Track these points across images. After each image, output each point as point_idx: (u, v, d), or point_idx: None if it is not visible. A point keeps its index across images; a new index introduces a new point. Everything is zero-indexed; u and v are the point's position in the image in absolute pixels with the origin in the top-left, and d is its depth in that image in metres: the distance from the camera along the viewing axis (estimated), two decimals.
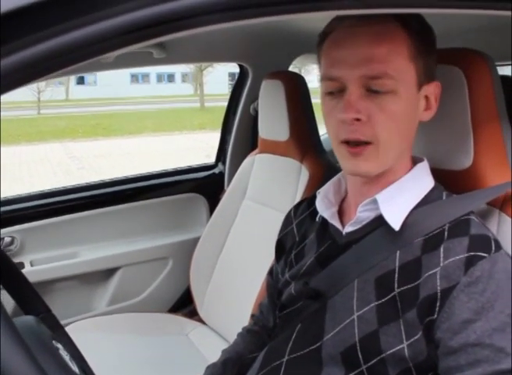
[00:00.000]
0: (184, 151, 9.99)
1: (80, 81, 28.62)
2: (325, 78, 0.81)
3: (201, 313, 1.86)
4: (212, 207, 2.02)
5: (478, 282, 0.71)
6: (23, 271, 1.79)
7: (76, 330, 1.69)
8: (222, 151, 2.21)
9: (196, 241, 1.90)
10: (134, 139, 12.99)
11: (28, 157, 9.99)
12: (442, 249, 0.75)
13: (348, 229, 0.88)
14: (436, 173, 0.90)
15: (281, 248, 1.09)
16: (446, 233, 0.77)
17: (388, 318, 0.77)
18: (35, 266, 1.89)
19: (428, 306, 0.73)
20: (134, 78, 30.27)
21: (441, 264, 0.74)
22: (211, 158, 2.30)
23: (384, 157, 0.80)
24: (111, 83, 25.35)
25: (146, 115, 18.20)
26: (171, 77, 31.35)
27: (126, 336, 1.72)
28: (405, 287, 0.77)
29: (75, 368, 0.72)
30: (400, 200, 0.83)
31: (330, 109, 0.81)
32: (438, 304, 0.72)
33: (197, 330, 1.81)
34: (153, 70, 29.50)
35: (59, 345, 0.75)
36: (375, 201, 0.83)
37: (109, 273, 2.02)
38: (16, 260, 1.86)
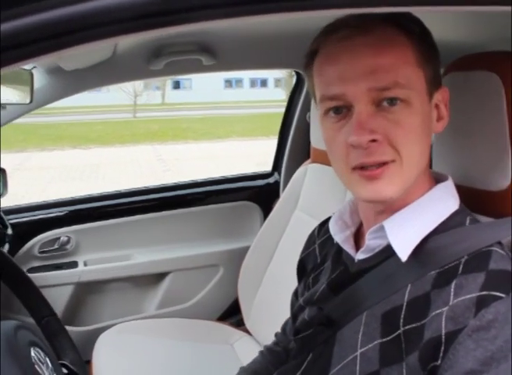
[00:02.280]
0: (269, 156, 10.03)
1: (176, 86, 29.78)
2: (323, 98, 0.72)
3: (248, 324, 1.82)
4: (266, 216, 1.97)
5: (490, 327, 0.59)
6: (76, 270, 1.87)
7: (121, 331, 1.73)
8: (279, 159, 2.17)
9: (248, 250, 1.87)
10: (222, 143, 13.25)
11: (120, 158, 10.49)
12: (453, 285, 0.65)
13: (360, 256, 0.80)
14: (468, 192, 0.80)
15: (302, 269, 1.02)
16: (461, 266, 0.66)
17: (391, 359, 0.68)
18: (89, 265, 1.94)
19: (431, 350, 0.63)
20: (228, 83, 31.00)
21: (450, 303, 0.63)
22: None
23: (408, 176, 0.71)
24: (205, 88, 26.13)
25: (236, 119, 18.52)
26: (264, 82, 31.74)
27: (170, 341, 1.72)
28: (411, 326, 0.67)
29: (48, 374, 0.71)
30: (411, 226, 0.72)
31: (335, 133, 0.71)
32: (442, 348, 0.62)
33: (242, 341, 1.78)
34: (246, 75, 30.06)
35: (37, 352, 0.74)
36: (383, 228, 0.74)
37: (160, 277, 2.03)
38: (70, 259, 1.94)
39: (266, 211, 2.07)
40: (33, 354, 0.73)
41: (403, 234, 0.72)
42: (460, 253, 0.67)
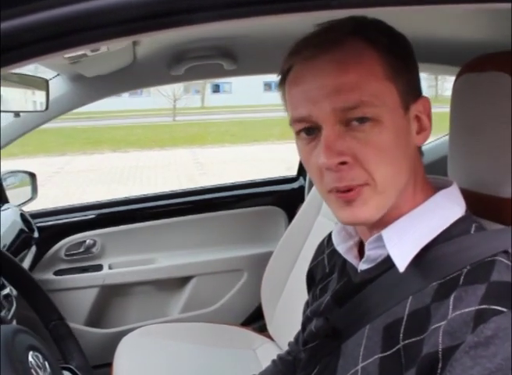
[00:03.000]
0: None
1: (216, 89, 30.04)
2: (293, 120, 0.69)
3: (270, 329, 1.81)
4: (291, 221, 1.96)
5: (489, 344, 0.55)
6: (101, 273, 1.90)
7: (144, 334, 1.74)
8: None
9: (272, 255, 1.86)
10: (259, 146, 13.27)
11: (158, 161, 10.65)
12: (452, 298, 0.61)
13: (362, 267, 0.77)
14: (480, 198, 0.76)
15: (311, 279, 1.00)
16: (462, 277, 0.63)
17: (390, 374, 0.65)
18: (113, 269, 1.96)
19: (428, 367, 0.59)
20: (267, 86, 31.05)
21: (448, 316, 0.60)
22: None
23: (384, 198, 0.68)
24: (245, 92, 26.26)
25: (274, 122, 18.50)
26: None
27: (193, 345, 1.72)
28: (410, 340, 0.64)
29: None
30: (410, 235, 0.69)
31: (307, 155, 0.69)
32: (439, 365, 0.58)
33: (265, 346, 1.77)
34: None
35: (36, 356, 0.74)
36: (382, 238, 0.71)
37: (184, 281, 2.04)
38: (95, 262, 1.97)
39: (291, 216, 2.05)
40: (30, 358, 0.74)
41: (402, 244, 0.69)
42: (463, 263, 0.64)
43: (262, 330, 1.89)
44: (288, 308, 1.73)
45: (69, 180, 7.95)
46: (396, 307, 0.68)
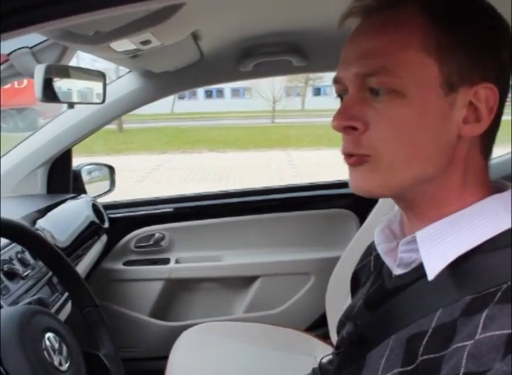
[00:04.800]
0: None
1: (317, 93, 29.92)
2: (333, 82, 0.67)
3: (333, 337, 1.74)
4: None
5: None
6: (167, 267, 1.93)
7: (204, 331, 1.74)
8: None
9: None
10: None
11: (253, 162, 10.78)
12: (484, 315, 0.53)
13: (397, 271, 0.70)
14: None
15: (356, 281, 0.94)
16: (499, 293, 0.54)
17: None
18: (180, 263, 1.99)
19: None
20: None
21: (476, 336, 0.52)
22: None
23: (389, 177, 0.61)
24: None
25: None
26: None
27: (252, 346, 1.70)
28: (429, 356, 0.56)
29: (58, 361, 0.73)
30: (448, 240, 0.61)
31: None
32: None
33: (326, 354, 1.70)
34: None
35: (54, 338, 0.76)
36: (415, 240, 0.64)
37: (249, 280, 2.03)
38: (163, 256, 2.00)
39: (362, 219, 1.96)
40: (47, 340, 0.75)
41: (437, 249, 0.61)
42: (504, 278, 0.55)
43: (326, 337, 1.83)
44: None
45: (166, 176, 8.27)
46: (423, 318, 0.61)
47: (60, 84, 1.05)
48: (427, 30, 0.58)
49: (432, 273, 0.60)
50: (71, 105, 1.20)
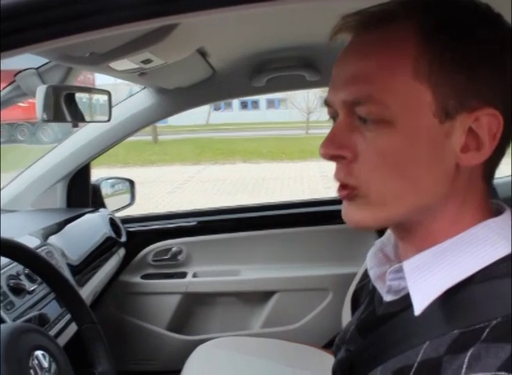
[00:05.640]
0: None
1: None
2: (324, 103, 0.63)
3: None
4: None
5: None
6: (184, 281, 1.94)
7: (220, 345, 1.73)
8: None
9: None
10: None
11: (286, 173, 10.76)
12: (469, 354, 0.49)
13: (387, 298, 0.67)
14: None
15: (355, 302, 0.92)
16: (487, 330, 0.50)
17: None
18: (197, 277, 1.99)
19: None
20: None
21: None
22: None
23: (381, 211, 0.58)
24: None
25: None
26: None
27: (268, 362, 1.68)
28: None
29: None
30: (437, 271, 0.57)
31: None
32: None
33: None
34: None
35: (43, 356, 0.77)
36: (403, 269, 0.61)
37: (267, 295, 2.01)
38: (180, 270, 2.01)
39: (381, 234, 1.92)
40: (35, 358, 0.76)
41: (425, 280, 0.58)
42: (494, 313, 0.52)
43: None
44: None
45: (198, 188, 8.34)
46: (411, 350, 0.58)
47: (63, 104, 1.06)
48: (420, 53, 0.53)
49: (418, 307, 0.57)
50: (75, 125, 1.23)
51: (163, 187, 8.57)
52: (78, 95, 1.12)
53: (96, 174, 2.01)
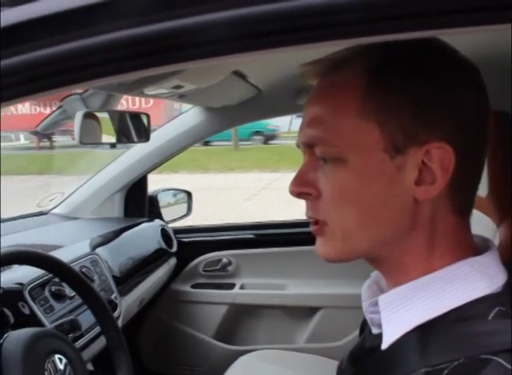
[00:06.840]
0: None
1: None
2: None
3: None
4: None
5: None
6: (232, 292, 1.99)
7: (261, 358, 1.76)
8: None
9: None
10: None
11: None
12: None
13: (374, 330, 0.68)
14: None
15: (362, 330, 0.92)
16: (445, 372, 0.51)
17: None
18: (245, 289, 2.04)
19: None
20: None
21: None
22: None
23: (345, 244, 0.60)
24: None
25: None
26: None
27: None
28: None
29: None
30: (409, 307, 0.58)
31: None
32: None
33: None
34: None
35: (59, 360, 0.84)
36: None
37: (311, 311, 2.01)
38: (229, 281, 2.07)
39: None
40: (51, 362, 0.83)
41: (398, 315, 0.59)
42: (458, 354, 0.52)
43: None
44: None
45: (274, 196, 8.39)
46: None
47: (100, 128, 1.15)
48: (365, 94, 0.56)
49: (386, 341, 0.58)
50: (113, 146, 1.31)
51: (240, 195, 8.71)
52: (113, 118, 1.20)
53: (177, 180, 2.12)
